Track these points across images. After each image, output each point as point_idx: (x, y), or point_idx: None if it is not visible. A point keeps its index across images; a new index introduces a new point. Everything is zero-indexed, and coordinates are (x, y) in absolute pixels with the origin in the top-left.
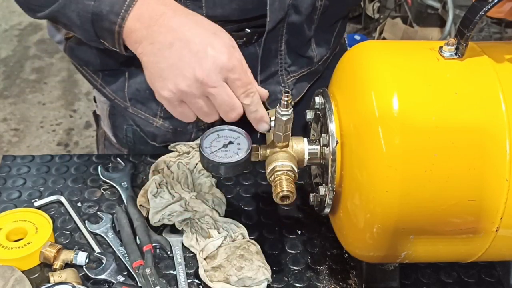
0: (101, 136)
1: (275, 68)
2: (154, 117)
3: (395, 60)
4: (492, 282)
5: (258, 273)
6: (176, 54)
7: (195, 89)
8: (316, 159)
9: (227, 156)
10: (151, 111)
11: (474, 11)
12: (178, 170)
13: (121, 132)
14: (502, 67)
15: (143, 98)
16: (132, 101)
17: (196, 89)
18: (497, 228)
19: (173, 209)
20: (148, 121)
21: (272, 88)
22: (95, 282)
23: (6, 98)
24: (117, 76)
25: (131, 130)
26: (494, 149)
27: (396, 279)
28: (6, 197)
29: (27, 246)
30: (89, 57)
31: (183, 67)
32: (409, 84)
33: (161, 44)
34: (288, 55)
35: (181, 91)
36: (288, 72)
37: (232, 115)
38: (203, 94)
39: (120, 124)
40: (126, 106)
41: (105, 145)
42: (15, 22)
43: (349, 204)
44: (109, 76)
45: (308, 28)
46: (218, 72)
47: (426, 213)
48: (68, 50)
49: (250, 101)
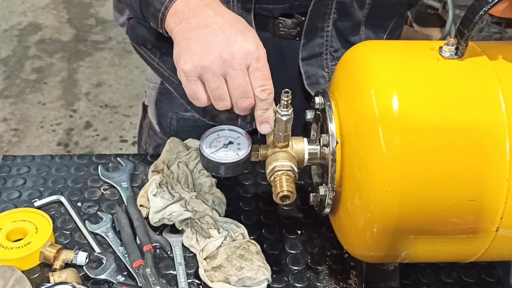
0: (146, 125)
1: (319, 49)
2: None
3: (395, 60)
4: (492, 282)
5: (258, 273)
6: (209, 33)
7: (216, 67)
8: (316, 159)
9: (227, 156)
10: None
11: (474, 11)
12: (178, 170)
13: (166, 119)
14: (502, 67)
15: None
16: None
17: (217, 67)
18: (497, 228)
19: (173, 209)
20: None
21: (313, 70)
22: (95, 282)
23: (6, 98)
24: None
25: (176, 118)
26: (494, 149)
27: (396, 279)
28: (6, 197)
29: (27, 246)
30: (147, 35)
31: (212, 45)
32: (409, 84)
33: (198, 24)
34: (335, 39)
35: (203, 66)
36: (333, 58)
37: (243, 104)
38: (222, 74)
39: (166, 112)
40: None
41: (149, 135)
42: (15, 22)
43: (349, 204)
44: (166, 55)
45: (358, 11)
46: (243, 57)
47: (426, 213)
48: (130, 29)
49: (265, 97)
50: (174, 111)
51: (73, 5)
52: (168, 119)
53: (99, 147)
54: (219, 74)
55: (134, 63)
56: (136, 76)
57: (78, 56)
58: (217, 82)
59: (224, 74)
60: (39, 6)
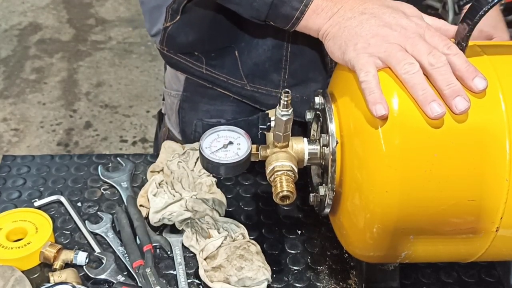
0: (164, 134)
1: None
2: (277, 89)
3: None
4: (492, 282)
5: (258, 273)
6: (370, 16)
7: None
8: (316, 159)
9: (227, 156)
10: (273, 83)
11: (474, 11)
12: (178, 170)
13: (190, 127)
14: (502, 67)
15: (262, 71)
16: (250, 77)
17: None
18: (497, 228)
19: (173, 209)
20: (271, 94)
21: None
22: (95, 282)
23: (6, 98)
24: (225, 57)
25: (201, 125)
26: (494, 149)
27: (396, 279)
28: (6, 197)
29: (27, 246)
30: (193, 40)
31: (378, 25)
32: None
33: (352, 13)
34: None
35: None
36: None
37: (436, 57)
38: (399, 43)
39: (190, 119)
40: (242, 84)
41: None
42: (15, 22)
43: (349, 204)
44: (215, 59)
45: None
46: (414, 28)
47: (426, 213)
48: (168, 39)
49: (456, 52)
50: (199, 118)
51: (73, 5)
52: (193, 126)
53: (99, 147)
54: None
55: (134, 63)
56: (136, 76)
57: (78, 56)
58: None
59: (403, 44)
60: (39, 6)
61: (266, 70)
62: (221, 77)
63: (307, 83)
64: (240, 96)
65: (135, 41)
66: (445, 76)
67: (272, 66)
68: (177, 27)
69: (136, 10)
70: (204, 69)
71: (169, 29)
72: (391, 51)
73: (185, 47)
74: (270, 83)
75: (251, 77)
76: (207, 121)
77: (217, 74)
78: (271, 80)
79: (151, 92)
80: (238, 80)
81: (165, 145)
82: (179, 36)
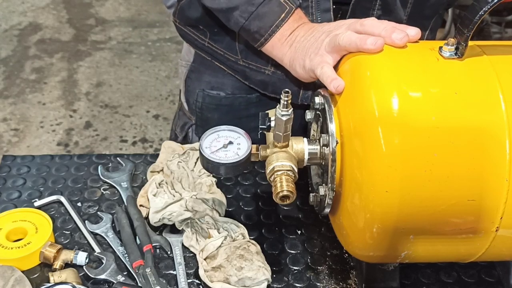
0: (178, 107)
1: None
2: (266, 66)
3: (395, 60)
4: (492, 282)
5: (258, 273)
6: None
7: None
8: (316, 159)
9: (227, 156)
10: (263, 60)
11: (474, 11)
12: (178, 170)
13: (193, 96)
14: (502, 67)
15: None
16: (244, 53)
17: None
18: (497, 228)
19: (173, 209)
20: (259, 70)
21: None
22: (95, 282)
23: (6, 98)
24: (226, 32)
25: (202, 95)
26: (494, 149)
27: (396, 279)
28: (6, 197)
29: (27, 246)
30: (201, 15)
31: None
32: (409, 84)
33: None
34: None
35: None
36: None
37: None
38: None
39: (193, 89)
40: (236, 59)
41: (179, 116)
42: (15, 22)
43: (349, 204)
44: (218, 34)
45: (400, 10)
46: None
47: (426, 213)
48: (180, 11)
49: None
50: (201, 88)
51: (73, 5)
52: (195, 96)
53: (99, 147)
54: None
55: (134, 63)
56: (136, 76)
57: (78, 56)
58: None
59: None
60: (39, 6)
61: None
62: (219, 50)
63: None
64: (232, 71)
65: (135, 41)
66: (374, 27)
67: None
68: (187, 2)
69: (136, 10)
70: (206, 42)
71: (182, 2)
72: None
73: (193, 20)
74: (261, 59)
75: (245, 53)
76: (208, 92)
77: (216, 47)
78: (262, 56)
79: (151, 92)
80: (233, 55)
81: (165, 145)
82: (189, 10)
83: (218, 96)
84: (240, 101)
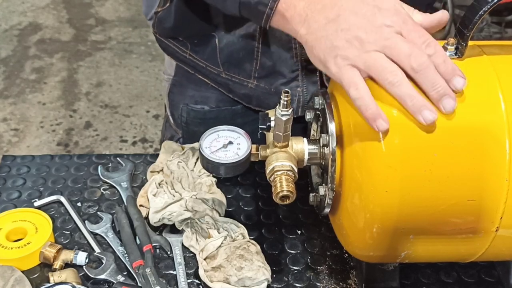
0: (165, 119)
1: None
2: (248, 79)
3: None
4: (492, 282)
5: (258, 273)
6: (344, 22)
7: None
8: (316, 159)
9: (227, 156)
10: (245, 72)
11: (474, 11)
12: (178, 170)
13: (177, 111)
14: (502, 67)
15: (237, 60)
16: (226, 65)
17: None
18: (497, 228)
19: (173, 209)
20: (243, 83)
21: None
22: (95, 282)
23: (6, 98)
24: (207, 45)
25: (186, 110)
26: (494, 149)
27: (396, 279)
28: (6, 197)
29: (27, 246)
30: (178, 26)
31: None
32: None
33: (327, 19)
34: None
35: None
36: None
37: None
38: (377, 50)
39: (177, 103)
40: (219, 72)
41: (166, 127)
42: (15, 22)
43: (349, 204)
44: (198, 45)
45: None
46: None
47: (426, 213)
48: (158, 23)
49: (434, 50)
50: (185, 103)
51: (73, 5)
52: (179, 110)
53: (99, 147)
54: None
55: (134, 63)
56: (136, 76)
57: (78, 56)
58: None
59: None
60: (39, 6)
61: (240, 59)
62: (201, 63)
63: (275, 76)
64: (216, 84)
65: (135, 41)
66: (429, 78)
67: (246, 56)
68: (166, 12)
69: (136, 10)
70: (188, 54)
71: (159, 14)
72: (371, 61)
73: (171, 31)
74: (243, 72)
75: (227, 65)
76: (192, 107)
77: (198, 60)
78: (244, 69)
79: (151, 92)
80: (215, 67)
81: (165, 145)
82: (166, 21)
83: (203, 111)
84: (225, 113)
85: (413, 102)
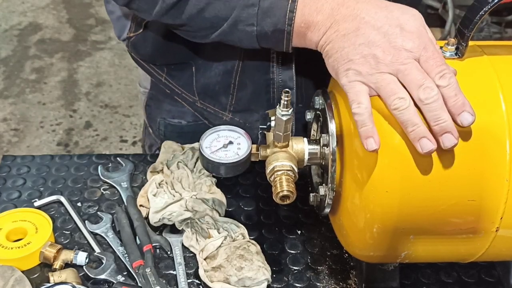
0: (144, 126)
1: None
2: (223, 111)
3: None
4: (492, 282)
5: (258, 273)
6: (363, 36)
7: (383, 67)
8: (316, 159)
9: (227, 156)
10: (221, 105)
11: (474, 11)
12: (178, 170)
13: (155, 124)
14: (502, 67)
15: (213, 92)
16: (201, 95)
17: (384, 67)
18: (497, 228)
19: (173, 209)
20: (217, 115)
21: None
22: (95, 282)
23: (6, 98)
24: (183, 71)
25: (163, 124)
26: (494, 149)
27: (396, 279)
28: (6, 197)
29: (27, 246)
30: (153, 53)
31: (371, 47)
32: None
33: (346, 30)
34: None
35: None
36: None
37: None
38: (390, 72)
39: (154, 117)
40: (194, 100)
41: (146, 134)
42: (15, 22)
43: (349, 204)
44: (175, 70)
45: None
46: (409, 51)
47: (426, 213)
48: (131, 47)
49: (447, 83)
50: (162, 117)
51: (73, 5)
52: (157, 124)
53: (99, 147)
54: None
55: (134, 63)
56: (136, 76)
57: (78, 56)
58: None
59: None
60: (39, 6)
61: (216, 92)
62: (177, 88)
63: (250, 112)
64: (192, 109)
65: None
66: (435, 112)
67: (222, 90)
68: (139, 38)
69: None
70: (163, 78)
71: (132, 39)
72: (382, 83)
73: (147, 57)
74: (219, 104)
75: (202, 96)
76: (169, 121)
77: (174, 85)
78: (219, 102)
79: None
80: (191, 95)
81: (165, 145)
82: (140, 47)
83: (180, 125)
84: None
85: (415, 129)
